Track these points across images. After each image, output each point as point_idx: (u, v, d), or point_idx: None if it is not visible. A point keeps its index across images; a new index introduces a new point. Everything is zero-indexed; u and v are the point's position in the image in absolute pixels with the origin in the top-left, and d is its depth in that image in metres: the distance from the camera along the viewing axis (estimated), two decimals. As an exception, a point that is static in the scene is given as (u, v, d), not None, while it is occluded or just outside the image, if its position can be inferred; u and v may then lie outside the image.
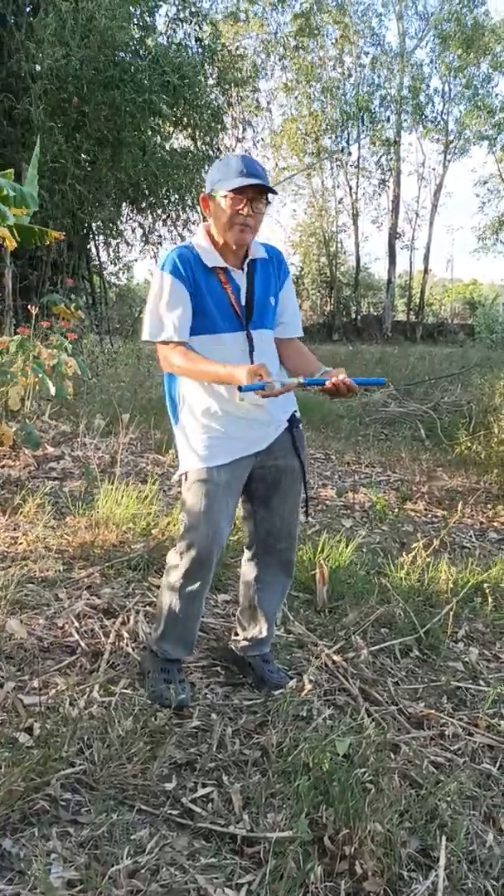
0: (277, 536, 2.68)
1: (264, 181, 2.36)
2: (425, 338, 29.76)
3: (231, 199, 2.33)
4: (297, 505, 2.68)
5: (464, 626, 3.56)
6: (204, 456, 2.46)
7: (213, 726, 2.44)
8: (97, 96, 11.65)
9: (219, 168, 2.40)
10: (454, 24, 27.96)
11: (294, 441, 2.63)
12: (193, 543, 2.44)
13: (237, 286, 2.46)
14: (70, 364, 6.54)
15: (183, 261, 2.40)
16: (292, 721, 2.50)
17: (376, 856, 1.93)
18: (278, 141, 30.07)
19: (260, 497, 2.65)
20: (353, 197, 30.91)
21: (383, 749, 2.37)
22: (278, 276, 2.59)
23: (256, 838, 1.97)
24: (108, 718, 2.29)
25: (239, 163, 2.35)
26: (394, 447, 7.73)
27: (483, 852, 2.08)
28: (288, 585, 2.84)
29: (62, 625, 2.90)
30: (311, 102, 29.81)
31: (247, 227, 2.38)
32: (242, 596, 2.81)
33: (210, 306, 2.41)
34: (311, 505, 5.37)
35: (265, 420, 2.54)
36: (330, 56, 29.79)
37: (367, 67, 29.67)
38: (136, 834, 1.92)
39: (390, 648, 3.23)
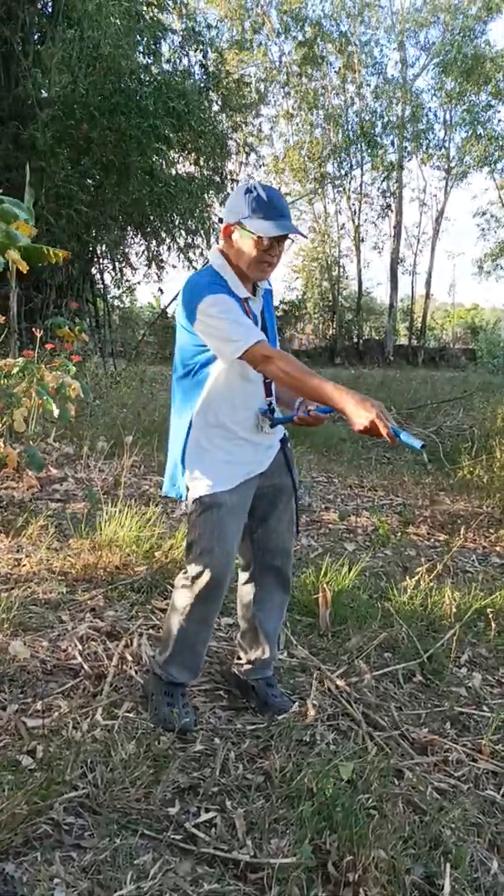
0: (274, 553, 2.70)
1: (291, 224, 2.35)
2: (427, 362, 29.82)
3: (259, 242, 2.33)
4: (292, 521, 2.72)
5: (467, 650, 3.55)
6: (214, 482, 2.46)
7: (217, 750, 2.44)
8: (103, 122, 11.80)
9: (245, 201, 2.33)
10: (455, 52, 28.32)
11: (287, 459, 2.66)
12: (207, 568, 2.43)
13: (255, 315, 2.49)
14: (73, 386, 6.57)
15: (220, 282, 2.39)
16: (295, 746, 2.49)
17: (380, 883, 1.92)
18: (281, 167, 30.35)
19: (259, 516, 2.67)
20: (355, 222, 31.13)
21: (387, 775, 2.37)
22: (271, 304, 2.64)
23: (260, 864, 1.96)
24: (111, 742, 2.29)
25: (270, 203, 2.31)
26: (396, 471, 7.74)
27: (487, 880, 2.07)
28: (286, 603, 2.85)
29: (65, 647, 2.90)
30: (313, 129, 30.12)
31: (271, 265, 2.42)
32: (242, 618, 2.81)
33: None
34: (314, 528, 5.38)
35: (267, 444, 2.58)
36: (333, 85, 30.16)
37: (370, 96, 30.04)
38: (139, 859, 1.92)
39: (393, 673, 3.22)
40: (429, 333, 33.18)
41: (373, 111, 29.88)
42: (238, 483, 2.48)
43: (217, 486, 2.44)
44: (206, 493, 2.44)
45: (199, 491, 2.46)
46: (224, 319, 2.29)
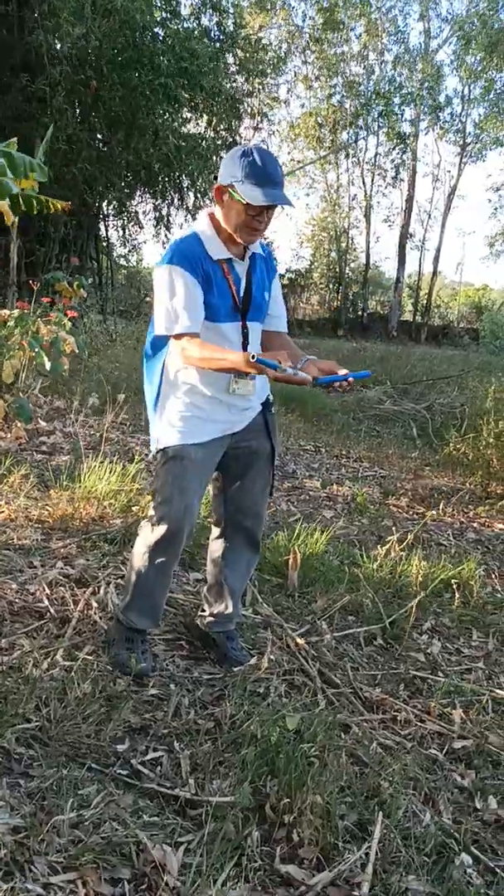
0: (246, 514, 2.77)
1: (283, 194, 2.37)
2: (430, 339, 29.72)
3: (248, 207, 2.34)
4: (266, 485, 2.77)
5: (430, 619, 3.63)
6: (183, 433, 2.52)
7: (171, 696, 2.52)
8: (114, 77, 11.67)
9: (239, 164, 2.34)
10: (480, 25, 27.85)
11: (267, 424, 2.71)
12: (165, 517, 2.51)
13: (238, 277, 2.52)
14: (68, 341, 6.60)
15: (191, 254, 2.43)
16: (248, 696, 2.58)
17: (314, 825, 2.01)
18: (295, 133, 30.01)
19: (232, 476, 2.73)
20: (367, 193, 30.89)
21: (333, 728, 2.45)
22: (268, 271, 2.66)
23: (200, 802, 2.05)
24: (68, 681, 2.37)
25: (262, 169, 2.31)
26: (384, 444, 7.81)
27: (419, 830, 2.16)
28: (254, 563, 2.92)
29: (34, 591, 2.98)
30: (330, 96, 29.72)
31: (258, 231, 2.44)
32: (210, 573, 2.89)
33: (214, 296, 2.46)
34: (295, 494, 5.45)
35: (243, 405, 2.62)
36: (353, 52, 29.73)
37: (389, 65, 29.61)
38: (84, 789, 2.00)
39: (355, 636, 3.31)
40: (434, 311, 33.02)
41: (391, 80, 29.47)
42: (206, 439, 2.54)
43: (183, 439, 2.50)
44: (171, 444, 2.51)
45: (165, 442, 2.53)
46: (167, 296, 2.41)
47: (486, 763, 2.55)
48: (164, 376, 2.62)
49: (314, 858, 1.96)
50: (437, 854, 2.08)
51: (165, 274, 2.43)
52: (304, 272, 31.02)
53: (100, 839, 1.83)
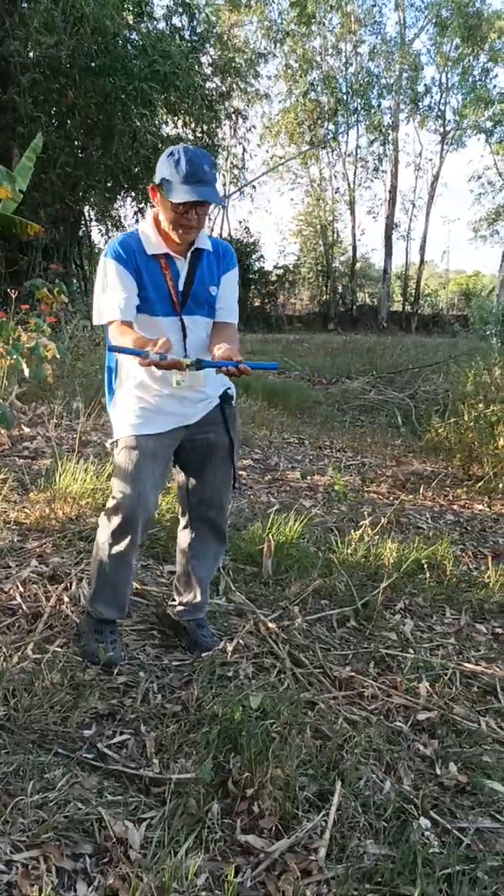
0: (209, 505, 2.84)
1: (210, 190, 2.42)
2: (420, 328, 29.83)
3: (175, 205, 2.41)
4: (227, 478, 2.84)
5: (403, 599, 3.70)
6: (134, 425, 2.60)
7: (140, 682, 2.60)
8: (87, 84, 11.74)
9: (167, 165, 2.42)
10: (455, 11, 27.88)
11: (225, 418, 2.77)
12: (120, 507, 2.59)
13: (177, 272, 2.59)
14: (49, 347, 6.66)
15: (125, 248, 2.52)
16: (217, 680, 2.65)
17: (274, 797, 2.08)
18: (275, 129, 30.07)
19: (192, 468, 2.81)
20: (350, 186, 30.95)
21: (298, 705, 2.52)
22: (219, 267, 2.70)
23: (163, 780, 2.13)
24: (37, 672, 2.45)
25: (186, 167, 2.38)
26: (367, 433, 7.87)
27: (379, 798, 2.23)
28: (220, 553, 3.00)
29: (7, 589, 3.06)
30: (308, 91, 29.78)
31: (191, 228, 2.50)
32: (178, 563, 2.96)
33: (150, 291, 2.54)
34: (276, 486, 5.52)
35: (197, 398, 2.69)
36: (329, 45, 29.79)
37: (365, 56, 29.70)
38: (49, 773, 2.08)
39: (328, 618, 3.38)
40: (423, 300, 33.08)
41: (369, 72, 29.55)
42: (158, 431, 2.61)
43: (135, 430, 2.58)
44: (124, 436, 2.59)
45: (118, 433, 2.61)
46: (100, 287, 2.52)
47: (449, 732, 2.62)
48: (117, 370, 2.71)
49: (273, 828, 2.03)
50: (396, 819, 2.15)
51: (101, 267, 2.55)
52: (291, 268, 31.07)
53: (63, 818, 1.91)
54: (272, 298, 30.55)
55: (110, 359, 2.73)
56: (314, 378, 10.97)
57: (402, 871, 1.93)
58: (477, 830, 2.15)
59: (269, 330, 25.26)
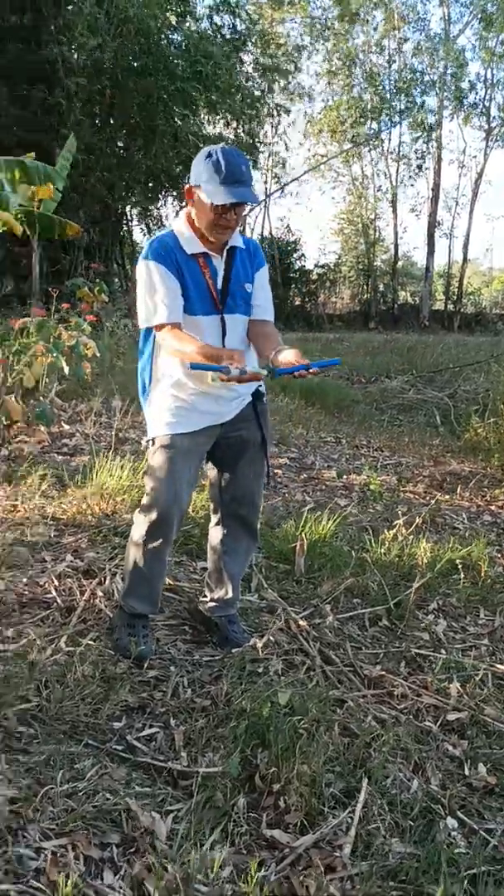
0: (241, 502, 2.86)
1: (248, 191, 2.45)
2: (463, 327, 29.44)
3: (214, 206, 2.44)
4: (259, 474, 2.86)
5: (437, 599, 3.68)
6: (170, 423, 2.64)
7: (170, 677, 2.63)
8: (129, 85, 11.85)
9: (205, 166, 2.43)
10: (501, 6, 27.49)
11: (257, 414, 2.79)
12: (154, 504, 2.62)
13: (215, 270, 2.62)
14: (89, 346, 6.76)
15: (165, 248, 2.54)
16: (246, 675, 2.67)
17: (300, 793, 2.09)
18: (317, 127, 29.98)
19: (225, 465, 2.83)
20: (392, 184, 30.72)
21: (326, 702, 2.53)
22: (252, 264, 2.73)
23: (190, 773, 2.15)
24: (70, 664, 2.49)
25: (225, 168, 2.39)
26: (406, 433, 7.83)
27: (406, 796, 2.23)
28: (252, 549, 3.02)
29: (43, 583, 3.11)
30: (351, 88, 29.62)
31: (229, 228, 2.53)
32: (210, 560, 2.99)
33: (190, 290, 2.57)
34: (311, 484, 5.53)
35: (230, 396, 2.72)
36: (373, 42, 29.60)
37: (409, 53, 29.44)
38: (79, 764, 2.12)
39: (359, 617, 3.38)
40: (466, 298, 32.70)
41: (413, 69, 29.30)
42: (193, 429, 2.64)
43: (170, 429, 2.61)
44: (159, 434, 2.62)
45: (154, 431, 2.65)
46: (145, 289, 2.54)
47: (479, 733, 2.61)
48: (153, 370, 2.74)
49: (299, 823, 2.04)
50: (422, 818, 2.15)
51: (142, 269, 2.56)
52: (332, 266, 30.95)
53: (91, 808, 1.95)
54: (313, 297, 30.44)
55: (145, 357, 2.76)
56: (353, 377, 10.93)
57: (426, 870, 1.93)
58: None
59: (310, 329, 25.19)
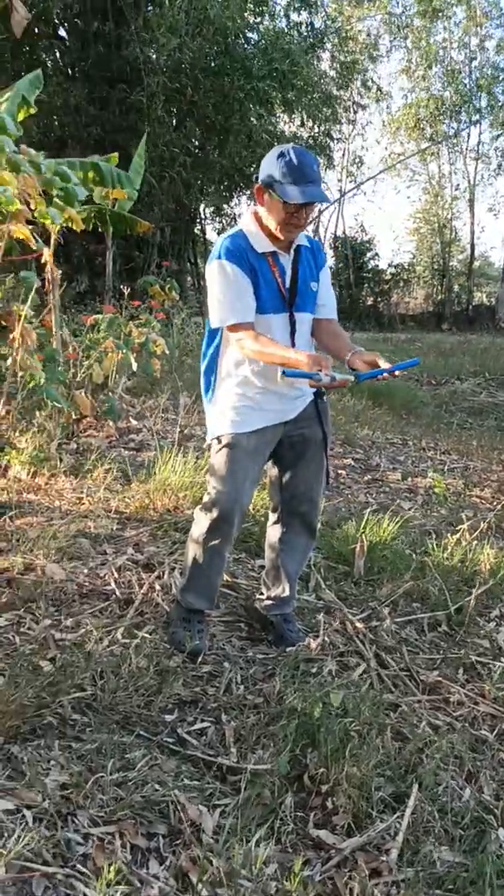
0: (301, 500, 2.86)
1: (319, 190, 2.47)
2: (541, 330, 28.75)
3: (286, 205, 2.46)
4: (320, 472, 2.85)
5: (500, 607, 3.61)
6: (235, 422, 2.65)
7: (224, 672, 2.65)
8: (207, 84, 11.94)
9: (277, 165, 2.45)
10: None
11: (319, 412, 2.79)
12: (217, 502, 2.64)
13: (283, 269, 2.63)
14: (158, 343, 6.86)
15: (238, 248, 2.56)
16: (300, 675, 2.67)
17: (348, 795, 2.08)
18: (395, 125, 29.67)
19: (286, 463, 2.84)
20: (470, 183, 30.17)
21: (380, 706, 2.51)
22: (315, 264, 2.75)
23: (239, 769, 2.16)
24: (125, 656, 2.53)
25: (298, 168, 2.42)
26: (476, 436, 7.69)
27: (458, 805, 2.19)
28: (310, 548, 3.02)
29: (103, 574, 3.17)
30: (431, 85, 29.22)
31: (298, 227, 2.55)
32: (268, 557, 3.00)
33: (262, 288, 2.59)
34: (375, 486, 5.48)
35: (295, 394, 2.72)
36: (454, 38, 29.14)
37: (492, 51, 28.86)
38: (130, 754, 2.15)
39: (418, 621, 3.34)
40: (545, 300, 31.86)
41: (495, 66, 28.71)
42: (257, 427, 2.65)
43: (235, 428, 2.62)
44: (224, 433, 2.63)
45: (218, 430, 2.66)
46: (219, 289, 2.54)
47: (537, 745, 2.54)
48: (217, 368, 2.75)
49: (346, 825, 2.03)
50: (473, 828, 2.11)
51: (216, 269, 2.57)
52: (406, 266, 30.59)
53: (140, 798, 1.97)
54: (385, 297, 30.14)
55: (210, 356, 2.78)
56: (422, 378, 10.79)
57: (475, 880, 1.90)
58: None
59: (381, 329, 24.97)
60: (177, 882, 1.76)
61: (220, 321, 2.59)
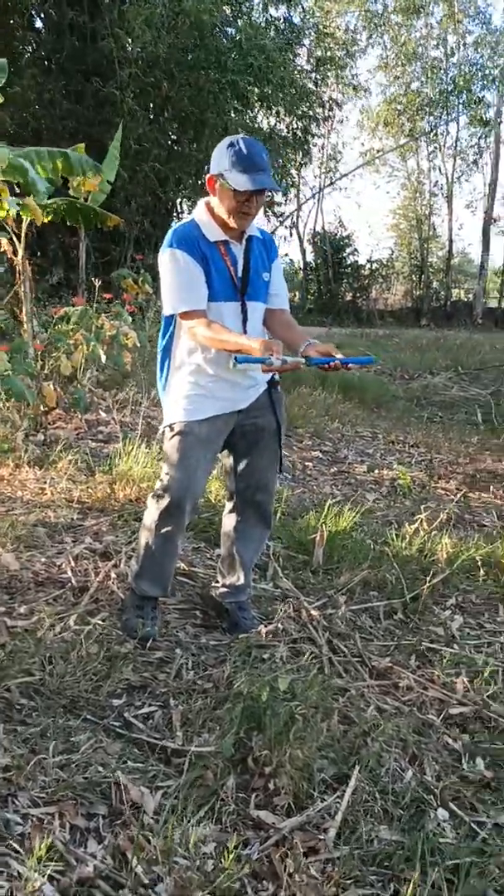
0: (255, 489, 2.89)
1: (268, 178, 2.50)
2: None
3: (236, 193, 2.49)
4: (273, 461, 2.89)
5: (456, 596, 3.65)
6: (188, 410, 2.68)
7: (175, 659, 2.67)
8: (182, 78, 11.92)
9: (227, 155, 2.48)
10: None
11: (273, 401, 2.82)
12: (169, 489, 2.66)
13: (235, 258, 2.66)
14: (130, 336, 6.86)
15: (189, 236, 2.60)
16: (251, 661, 2.70)
17: (290, 776, 2.12)
18: (373, 122, 29.72)
19: (240, 452, 2.86)
20: (448, 179, 30.30)
21: (328, 690, 2.55)
22: (268, 256, 2.79)
23: (184, 752, 2.19)
24: (76, 642, 2.55)
25: (247, 157, 2.45)
26: (444, 429, 7.75)
27: (399, 786, 2.23)
28: (265, 537, 3.05)
29: (60, 563, 3.19)
30: (410, 82, 29.28)
31: (249, 215, 2.58)
32: (223, 545, 3.03)
33: (213, 277, 2.61)
34: (341, 478, 5.52)
35: (248, 383, 2.75)
36: (434, 35, 29.22)
37: (471, 48, 28.98)
38: (75, 737, 2.17)
39: (374, 609, 3.37)
40: (522, 296, 32.14)
41: (473, 63, 28.83)
42: (209, 415, 2.67)
43: (188, 416, 2.65)
44: (176, 420, 2.66)
45: (171, 418, 2.69)
46: (171, 277, 2.58)
47: (482, 728, 2.59)
48: (171, 357, 2.78)
49: (287, 806, 2.07)
50: (413, 808, 2.15)
51: (168, 257, 2.60)
52: (385, 262, 30.70)
53: (82, 779, 2.00)
54: (364, 293, 30.23)
55: (163, 345, 2.80)
56: (395, 373, 10.85)
57: (410, 857, 1.94)
58: (496, 825, 2.13)
59: (360, 324, 25.03)
60: (113, 860, 1.78)
61: (172, 309, 2.62)
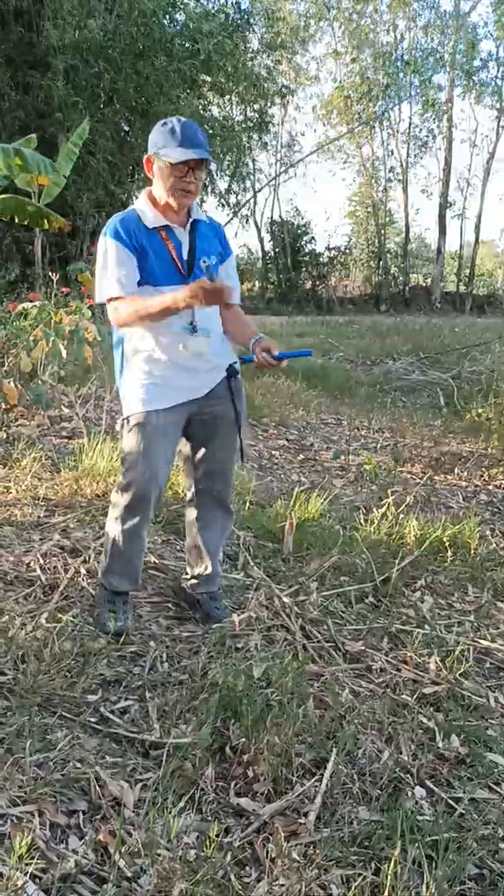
0: (214, 478, 2.90)
1: (205, 150, 2.53)
2: (475, 309, 29.22)
3: (173, 168, 2.50)
4: (232, 450, 2.89)
5: (425, 577, 3.69)
6: (144, 400, 2.66)
7: (149, 652, 2.67)
8: (127, 67, 11.78)
9: (161, 133, 2.53)
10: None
11: (231, 390, 2.82)
12: (132, 482, 2.65)
13: (178, 242, 2.66)
14: (89, 330, 6.79)
15: (124, 225, 2.60)
16: (226, 651, 2.70)
17: (269, 762, 2.13)
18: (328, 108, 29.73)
19: (199, 441, 2.86)
20: (403, 165, 30.44)
21: (302, 676, 2.56)
22: (220, 243, 2.81)
23: (162, 744, 2.19)
24: (48, 639, 2.53)
25: (180, 131, 2.50)
26: (408, 414, 7.82)
27: (377, 766, 2.25)
28: (228, 524, 3.05)
29: (28, 561, 3.16)
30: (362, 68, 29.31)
31: (188, 192, 2.57)
32: (188, 536, 3.03)
33: (152, 263, 2.61)
34: (308, 466, 5.54)
35: (204, 369, 2.74)
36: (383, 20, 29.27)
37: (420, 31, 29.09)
38: (52, 735, 2.16)
39: (345, 594, 3.39)
40: (478, 280, 32.45)
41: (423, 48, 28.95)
42: (168, 405, 2.66)
43: (145, 406, 2.63)
44: (134, 412, 2.64)
45: (129, 410, 2.67)
46: (101, 264, 2.60)
47: (456, 706, 2.62)
48: (124, 347, 2.76)
49: (267, 792, 2.08)
50: (391, 788, 2.18)
51: (101, 246, 2.63)
52: (343, 249, 30.79)
53: (60, 776, 1.99)
54: (323, 280, 30.31)
55: (117, 336, 2.78)
56: (357, 359, 10.91)
57: (390, 836, 1.96)
58: (472, 800, 2.16)
59: (320, 312, 25.10)
60: (95, 855, 1.78)
61: (99, 297, 2.63)
